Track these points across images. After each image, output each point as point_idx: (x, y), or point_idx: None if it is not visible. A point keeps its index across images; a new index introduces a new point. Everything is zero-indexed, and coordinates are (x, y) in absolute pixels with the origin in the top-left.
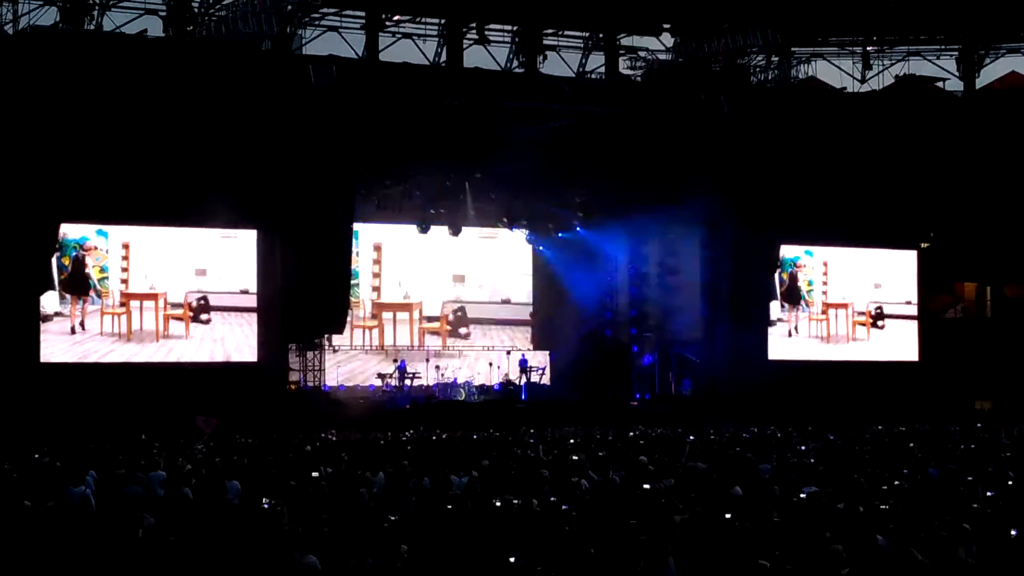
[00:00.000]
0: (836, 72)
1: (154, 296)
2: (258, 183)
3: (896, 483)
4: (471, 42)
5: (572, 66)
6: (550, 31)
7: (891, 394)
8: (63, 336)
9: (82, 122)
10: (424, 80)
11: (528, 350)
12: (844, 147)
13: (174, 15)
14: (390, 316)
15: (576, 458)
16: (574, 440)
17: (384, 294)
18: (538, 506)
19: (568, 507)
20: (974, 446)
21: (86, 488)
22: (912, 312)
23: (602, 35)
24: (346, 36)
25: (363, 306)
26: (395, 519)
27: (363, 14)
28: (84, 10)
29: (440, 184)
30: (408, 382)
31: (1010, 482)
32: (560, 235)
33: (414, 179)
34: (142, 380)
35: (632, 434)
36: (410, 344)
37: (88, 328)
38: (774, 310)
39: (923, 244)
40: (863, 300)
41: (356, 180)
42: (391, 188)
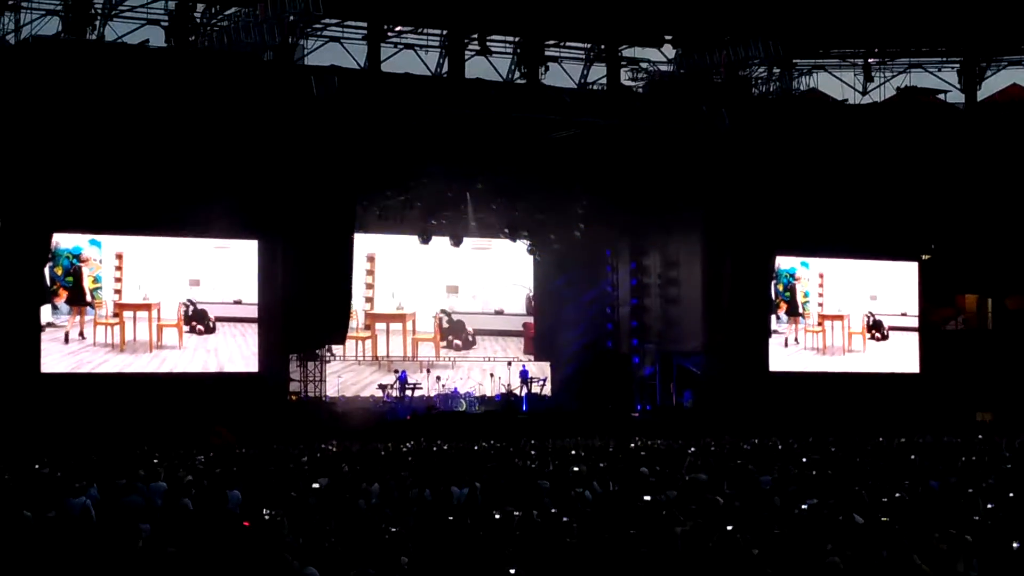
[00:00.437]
0: (837, 84)
1: (147, 307)
2: (260, 193)
3: (897, 495)
4: (473, 53)
5: (574, 77)
6: (552, 42)
7: (892, 406)
8: (55, 345)
9: (84, 132)
10: (426, 91)
11: (517, 360)
12: (846, 159)
13: (176, 25)
14: (383, 327)
15: (577, 469)
16: (575, 451)
17: (377, 305)
18: (538, 517)
19: (569, 519)
20: (975, 458)
21: (86, 499)
22: (910, 324)
23: (604, 46)
24: (348, 46)
25: (356, 317)
26: (396, 530)
27: (365, 25)
28: (86, 20)
29: (441, 194)
30: (409, 393)
31: (1011, 494)
32: (561, 246)
33: (415, 189)
34: (139, 390)
35: (633, 445)
36: (403, 355)
37: (81, 339)
38: (775, 322)
39: (924, 256)
40: (859, 312)
41: (357, 190)
42: (392, 198)
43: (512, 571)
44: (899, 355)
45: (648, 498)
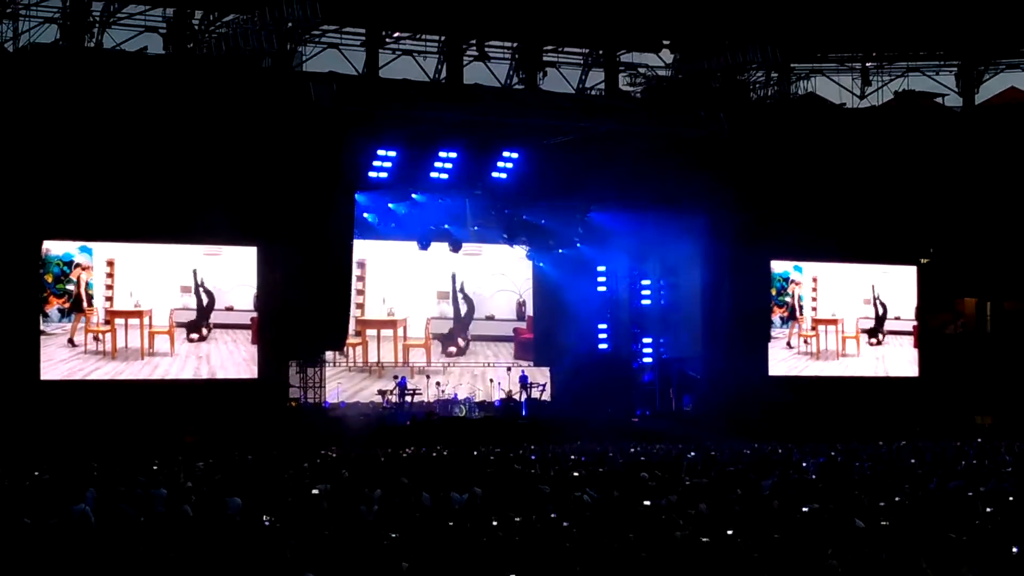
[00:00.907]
0: (835, 88)
1: (139, 313)
2: (258, 200)
3: (897, 499)
4: (471, 59)
5: (572, 82)
6: (550, 48)
7: (891, 410)
8: (47, 351)
9: (83, 139)
10: (424, 96)
11: (516, 365)
12: (844, 163)
13: (174, 32)
14: (373, 333)
15: (577, 475)
16: (575, 456)
17: (368, 311)
18: (538, 523)
19: (569, 524)
20: (975, 462)
21: (85, 505)
22: (903, 328)
23: (602, 52)
24: (346, 53)
25: None
26: (395, 536)
27: (363, 31)
28: (84, 28)
29: (440, 200)
30: (408, 398)
31: (1011, 498)
32: (560, 251)
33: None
34: (136, 398)
35: (633, 450)
36: (394, 361)
37: (72, 346)
38: (774, 326)
39: (923, 260)
40: (853, 316)
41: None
42: (391, 204)
43: None
44: (894, 359)
45: (648, 503)
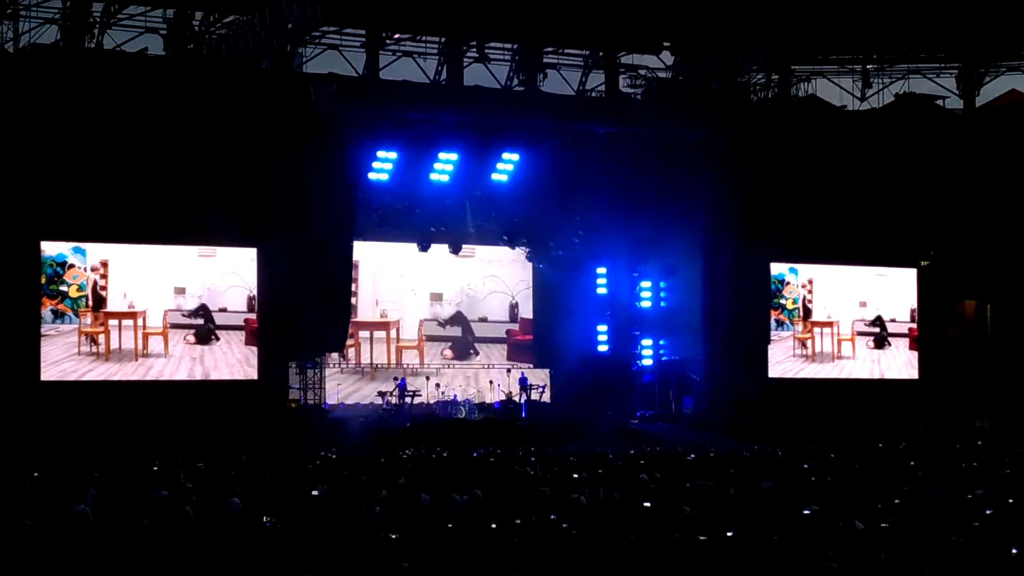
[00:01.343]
0: (836, 90)
1: (133, 315)
2: (259, 201)
3: (896, 502)
4: (471, 60)
5: (572, 84)
6: (550, 49)
7: (891, 412)
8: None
9: (84, 140)
10: (424, 98)
11: (499, 367)
12: (844, 165)
13: (174, 33)
14: (366, 335)
15: (576, 476)
16: (574, 458)
17: (360, 312)
18: (538, 524)
19: (568, 525)
20: (974, 464)
21: (85, 506)
22: (902, 330)
23: (602, 53)
24: (346, 54)
25: None
26: (396, 537)
27: (363, 32)
28: (85, 28)
29: (440, 201)
30: (408, 400)
31: (1010, 500)
32: (560, 253)
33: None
34: (134, 398)
35: (632, 452)
36: (387, 363)
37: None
38: (773, 328)
39: (923, 262)
40: (848, 318)
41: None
42: (391, 205)
43: None
44: (890, 361)
45: (648, 504)
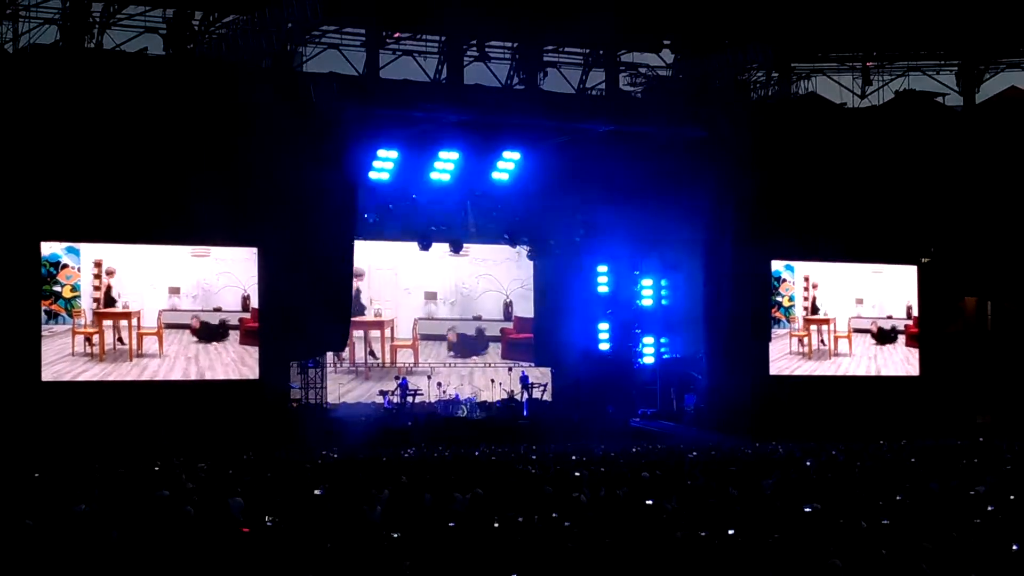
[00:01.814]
0: (836, 88)
1: (127, 315)
2: (259, 201)
3: (898, 498)
4: (471, 59)
5: (572, 82)
6: (550, 48)
7: (892, 409)
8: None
9: (84, 141)
10: (425, 97)
11: (495, 365)
12: (845, 163)
13: (174, 33)
14: (360, 334)
15: (578, 474)
16: (576, 456)
17: (355, 311)
18: (540, 523)
19: (570, 524)
20: (976, 461)
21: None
22: (899, 327)
23: (602, 52)
24: (346, 53)
25: None
26: (398, 536)
27: (363, 31)
28: (84, 29)
29: (441, 200)
30: (410, 399)
31: (1011, 497)
32: (561, 251)
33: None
34: (133, 399)
35: (634, 450)
36: (381, 362)
37: (61, 349)
38: (775, 325)
39: (924, 259)
40: (846, 315)
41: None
42: (392, 205)
43: None
44: (887, 358)
45: (649, 502)
